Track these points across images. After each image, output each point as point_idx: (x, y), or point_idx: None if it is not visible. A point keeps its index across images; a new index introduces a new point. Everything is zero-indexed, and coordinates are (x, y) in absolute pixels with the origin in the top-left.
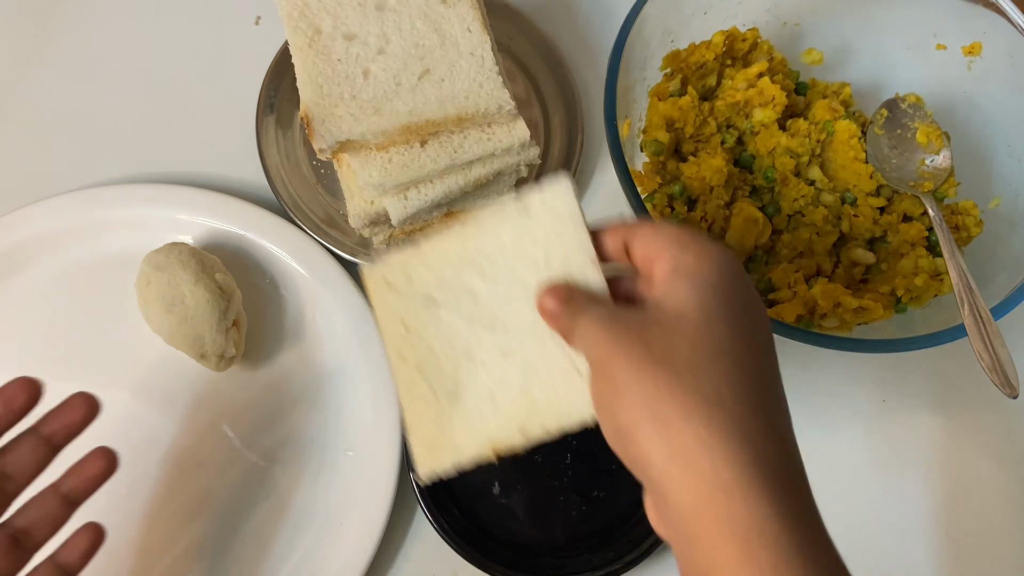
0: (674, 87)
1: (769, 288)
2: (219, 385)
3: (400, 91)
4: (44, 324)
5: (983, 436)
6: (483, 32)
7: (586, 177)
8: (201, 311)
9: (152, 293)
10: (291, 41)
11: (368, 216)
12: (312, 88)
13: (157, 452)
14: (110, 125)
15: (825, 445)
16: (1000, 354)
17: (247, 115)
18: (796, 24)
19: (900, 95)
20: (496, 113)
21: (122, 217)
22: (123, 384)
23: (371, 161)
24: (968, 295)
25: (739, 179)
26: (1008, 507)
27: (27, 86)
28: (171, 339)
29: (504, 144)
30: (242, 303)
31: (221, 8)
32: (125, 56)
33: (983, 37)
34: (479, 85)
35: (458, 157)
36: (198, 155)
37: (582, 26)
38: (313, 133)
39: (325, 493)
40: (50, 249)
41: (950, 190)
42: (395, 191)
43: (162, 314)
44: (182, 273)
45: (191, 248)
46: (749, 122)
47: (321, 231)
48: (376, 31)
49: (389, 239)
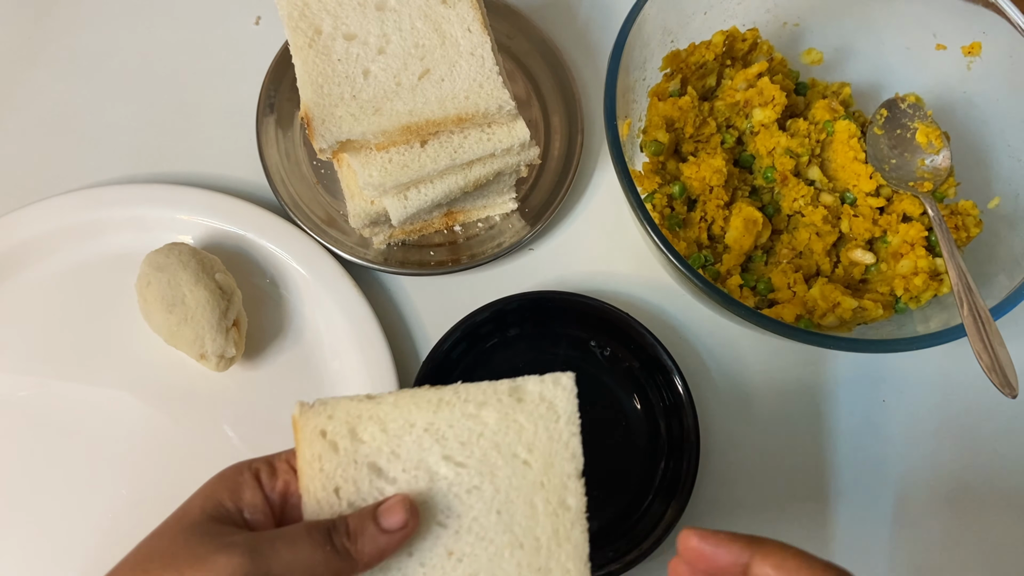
0: (674, 87)
1: (769, 288)
2: (219, 385)
3: (400, 91)
4: (44, 324)
5: (983, 436)
6: (483, 32)
7: (586, 177)
8: (201, 311)
9: (152, 293)
10: (291, 41)
11: (368, 216)
12: (312, 88)
13: (157, 452)
14: (110, 125)
15: (826, 444)
16: (999, 354)
17: (247, 115)
18: (796, 24)
19: (900, 95)
20: (496, 113)
21: (122, 217)
22: (123, 384)
23: (371, 161)
24: (967, 295)
25: (739, 179)
26: (1008, 507)
27: (27, 86)
28: (171, 339)
29: (504, 144)
30: (242, 303)
31: (221, 8)
32: (125, 56)
33: (983, 37)
34: (479, 85)
35: (458, 157)
36: (198, 155)
37: (582, 26)
38: (313, 133)
39: None
40: (50, 249)
41: (950, 190)
42: (395, 191)
43: (162, 314)
44: (182, 273)
45: (191, 248)
46: (749, 122)
47: (321, 231)
48: (376, 31)
49: (389, 239)
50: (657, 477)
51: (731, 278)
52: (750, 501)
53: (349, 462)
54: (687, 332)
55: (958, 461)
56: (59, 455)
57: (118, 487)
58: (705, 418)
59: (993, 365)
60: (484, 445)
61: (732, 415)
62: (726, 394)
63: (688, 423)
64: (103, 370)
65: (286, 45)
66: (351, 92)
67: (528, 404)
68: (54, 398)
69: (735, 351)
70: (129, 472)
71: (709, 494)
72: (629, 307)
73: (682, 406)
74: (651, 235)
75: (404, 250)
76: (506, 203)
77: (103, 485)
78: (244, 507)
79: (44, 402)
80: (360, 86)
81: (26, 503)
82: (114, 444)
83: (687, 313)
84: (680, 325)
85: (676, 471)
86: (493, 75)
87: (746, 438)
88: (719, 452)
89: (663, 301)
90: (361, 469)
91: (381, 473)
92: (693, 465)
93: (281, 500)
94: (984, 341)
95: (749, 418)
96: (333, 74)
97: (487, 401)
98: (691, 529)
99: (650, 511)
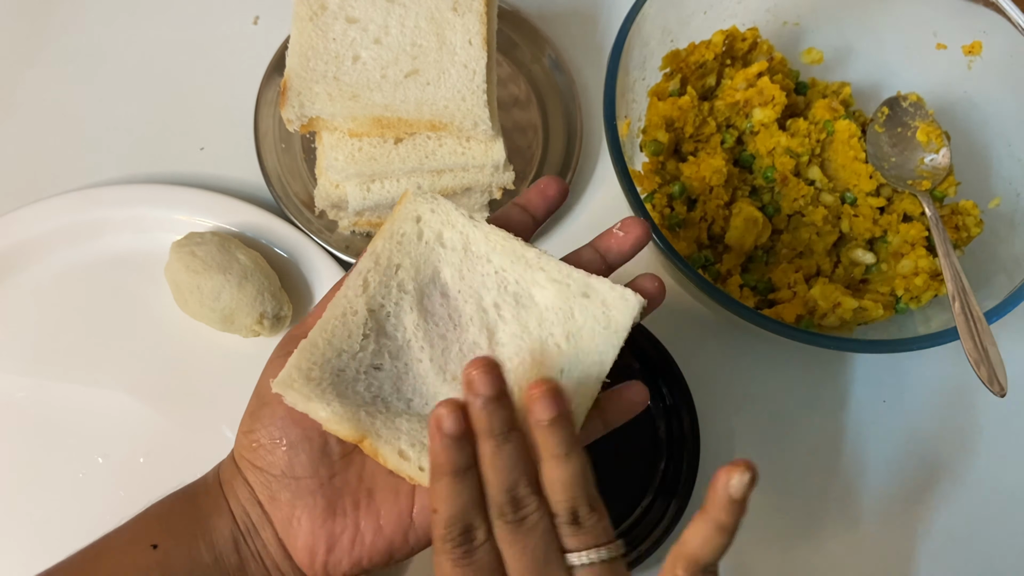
0: (674, 87)
1: (769, 288)
2: (219, 386)
3: (383, 84)
4: (43, 324)
5: (983, 436)
6: (483, 48)
7: (585, 177)
8: (257, 268)
9: (200, 263)
10: (295, 11)
11: (330, 199)
12: (299, 58)
13: (157, 452)
14: (109, 125)
15: (826, 445)
16: (990, 352)
17: (246, 115)
18: (796, 24)
19: (902, 93)
20: (472, 129)
21: (121, 217)
22: (123, 384)
23: (341, 145)
24: (960, 294)
25: (739, 179)
26: (1008, 506)
27: (27, 86)
28: (231, 300)
29: (477, 161)
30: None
31: (220, 8)
32: (124, 56)
33: (983, 37)
34: (462, 98)
35: (428, 163)
36: (197, 155)
37: (582, 26)
38: (285, 101)
39: None
40: (50, 249)
41: (950, 189)
42: (357, 180)
43: (219, 276)
44: (224, 242)
45: (212, 232)
46: (749, 122)
47: (319, 231)
48: (379, 20)
49: (354, 226)
50: (657, 477)
51: (731, 278)
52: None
53: (422, 256)
54: (687, 332)
55: (958, 461)
56: (57, 455)
57: (117, 488)
58: (705, 418)
59: (981, 360)
60: (532, 312)
61: (732, 415)
62: (726, 394)
63: (688, 423)
64: (102, 370)
65: (285, 45)
66: (335, 72)
67: (590, 302)
68: (53, 398)
69: (735, 351)
70: (128, 473)
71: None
72: None
73: (682, 406)
74: (651, 235)
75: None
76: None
77: (102, 486)
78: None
79: (43, 402)
80: (346, 69)
81: (25, 503)
82: (113, 445)
83: (687, 313)
84: (680, 325)
85: (676, 471)
86: (479, 92)
87: (746, 438)
88: (719, 452)
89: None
90: (428, 268)
91: (441, 283)
92: (693, 465)
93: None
94: (975, 339)
95: (749, 418)
96: (324, 51)
97: (559, 280)
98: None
99: (649, 512)
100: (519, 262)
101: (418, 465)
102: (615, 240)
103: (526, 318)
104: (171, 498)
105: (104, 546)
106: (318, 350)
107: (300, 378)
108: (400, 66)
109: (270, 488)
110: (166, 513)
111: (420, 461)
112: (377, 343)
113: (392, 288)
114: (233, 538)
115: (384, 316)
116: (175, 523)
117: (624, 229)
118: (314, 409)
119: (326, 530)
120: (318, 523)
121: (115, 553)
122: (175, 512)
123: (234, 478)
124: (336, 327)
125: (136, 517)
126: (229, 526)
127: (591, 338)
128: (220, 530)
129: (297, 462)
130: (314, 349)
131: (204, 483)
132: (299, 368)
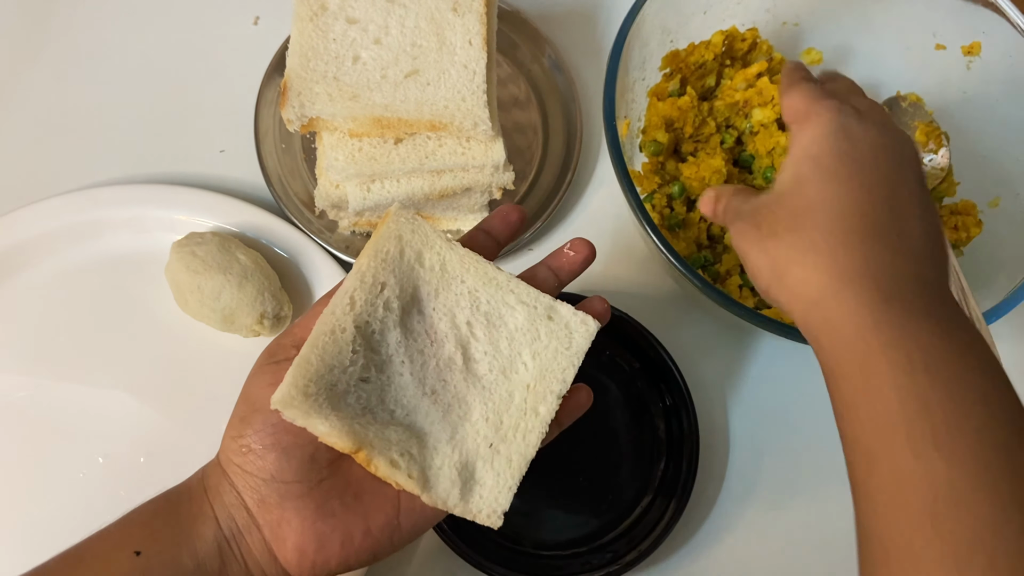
0: (673, 87)
1: None
2: (219, 386)
3: (383, 84)
4: (43, 324)
5: None
6: (483, 48)
7: (585, 177)
8: (257, 268)
9: (200, 263)
10: (295, 11)
11: (330, 199)
12: (299, 59)
13: (157, 453)
14: (109, 125)
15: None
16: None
17: (246, 115)
18: (795, 24)
19: (901, 93)
20: (471, 129)
21: (121, 217)
22: (123, 384)
23: (341, 145)
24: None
25: (739, 179)
26: None
27: (27, 86)
28: (232, 300)
29: (477, 161)
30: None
31: (220, 8)
32: (124, 56)
33: (983, 37)
34: (462, 98)
35: (428, 163)
36: (197, 155)
37: (582, 26)
38: (285, 101)
39: None
40: (50, 249)
41: (950, 189)
42: (357, 180)
43: (220, 276)
44: (224, 242)
45: (212, 232)
46: (748, 122)
47: (319, 231)
48: (379, 21)
49: (354, 226)
50: (657, 477)
51: (731, 278)
52: (750, 501)
53: (404, 275)
54: (686, 332)
55: None
56: (57, 455)
57: (115, 487)
58: (705, 418)
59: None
60: (503, 332)
61: (732, 415)
62: (726, 394)
63: (688, 423)
64: (103, 370)
65: (285, 45)
66: (335, 72)
67: (555, 324)
68: (53, 398)
69: (735, 351)
70: (128, 473)
71: (709, 494)
72: (628, 307)
73: (682, 406)
74: (651, 235)
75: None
76: (475, 221)
77: (102, 486)
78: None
79: (43, 402)
80: (346, 69)
81: (26, 503)
82: (113, 445)
83: (687, 313)
84: (679, 325)
85: (676, 471)
86: (479, 92)
87: (746, 438)
88: (719, 452)
89: (662, 301)
90: (409, 286)
91: (419, 301)
92: (693, 465)
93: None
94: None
95: (749, 418)
96: (324, 51)
97: (527, 303)
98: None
99: (649, 512)
100: (491, 284)
101: (407, 473)
102: (566, 259)
103: (496, 337)
104: (154, 503)
105: (86, 551)
106: (312, 367)
107: (299, 395)
108: (400, 66)
109: (259, 492)
110: (149, 519)
111: (409, 469)
112: (365, 358)
113: (378, 307)
114: (217, 543)
115: (370, 333)
116: (159, 529)
117: (574, 249)
118: (313, 424)
119: (316, 531)
120: (308, 524)
121: (98, 559)
122: (159, 517)
123: (220, 483)
124: (327, 344)
125: (118, 521)
126: (213, 531)
127: (555, 358)
128: (204, 536)
129: (288, 467)
130: (308, 366)
131: (188, 488)
132: (296, 385)
